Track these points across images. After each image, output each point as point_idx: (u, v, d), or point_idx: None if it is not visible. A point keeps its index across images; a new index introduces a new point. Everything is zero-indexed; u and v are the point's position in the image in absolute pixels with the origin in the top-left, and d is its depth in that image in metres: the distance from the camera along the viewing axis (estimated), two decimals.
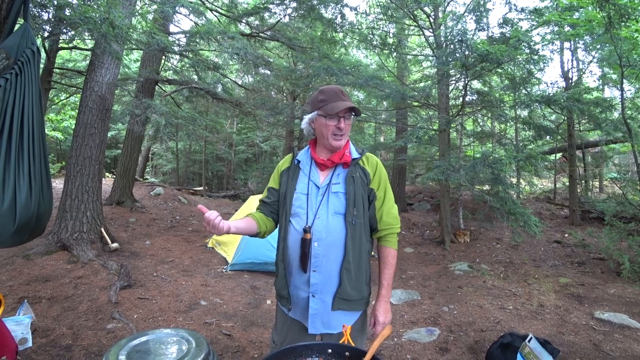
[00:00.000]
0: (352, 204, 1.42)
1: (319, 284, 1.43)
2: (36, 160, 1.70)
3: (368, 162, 1.52)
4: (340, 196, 1.44)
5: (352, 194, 1.43)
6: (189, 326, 3.29)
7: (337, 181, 1.46)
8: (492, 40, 6.12)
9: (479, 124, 9.88)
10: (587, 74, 8.88)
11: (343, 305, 1.45)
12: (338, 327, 1.46)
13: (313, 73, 6.89)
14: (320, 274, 1.42)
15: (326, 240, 1.41)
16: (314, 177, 1.49)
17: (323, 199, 1.44)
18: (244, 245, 5.10)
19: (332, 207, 1.43)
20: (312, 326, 1.45)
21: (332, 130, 1.43)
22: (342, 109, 1.40)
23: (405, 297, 4.29)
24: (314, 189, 1.47)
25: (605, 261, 5.48)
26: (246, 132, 17.50)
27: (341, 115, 1.42)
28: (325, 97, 1.44)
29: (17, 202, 1.59)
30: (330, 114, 1.42)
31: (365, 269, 1.51)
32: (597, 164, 10.67)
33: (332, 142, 1.44)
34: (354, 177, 1.45)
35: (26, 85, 1.66)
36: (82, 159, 5.04)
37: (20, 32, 1.70)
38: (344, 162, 1.47)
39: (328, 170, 1.49)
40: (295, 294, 1.48)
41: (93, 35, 4.58)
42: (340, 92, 1.45)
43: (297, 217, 1.47)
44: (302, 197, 1.47)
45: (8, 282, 3.79)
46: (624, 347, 3.04)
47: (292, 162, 1.57)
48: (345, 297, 1.44)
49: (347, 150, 1.50)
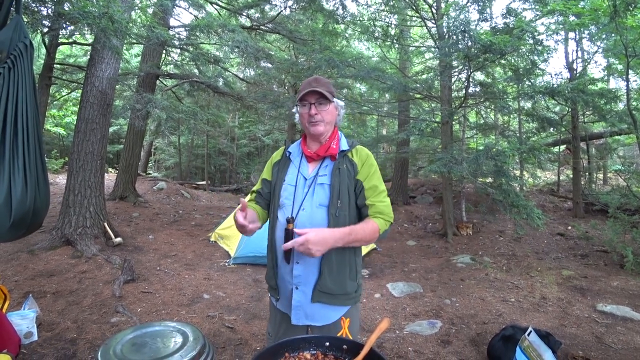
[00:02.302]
0: (337, 196, 1.40)
1: (301, 276, 1.42)
2: (31, 154, 1.69)
3: (357, 154, 1.50)
4: (325, 188, 1.43)
5: (337, 186, 1.41)
6: (191, 319, 3.31)
7: (323, 173, 1.45)
8: (495, 30, 6.02)
9: (481, 116, 9.80)
10: (592, 64, 8.74)
11: (323, 298, 1.41)
12: (321, 319, 1.45)
13: (315, 65, 6.83)
14: (302, 266, 1.42)
15: None
16: (303, 169, 1.49)
17: (309, 190, 1.43)
18: (246, 239, 5.11)
19: (316, 198, 1.42)
20: (295, 317, 1.45)
21: (306, 117, 1.44)
22: (306, 93, 1.41)
23: (407, 289, 4.30)
24: (302, 181, 1.47)
25: (608, 254, 5.45)
26: (248, 126, 17.47)
27: (311, 102, 1.42)
28: (301, 88, 1.45)
29: (13, 197, 1.59)
30: (300, 102, 1.45)
31: (351, 263, 1.46)
32: (601, 155, 10.57)
33: (310, 129, 1.45)
34: (341, 169, 1.44)
35: (19, 79, 1.65)
36: (84, 154, 5.06)
37: (13, 25, 1.68)
38: (329, 154, 1.46)
39: (316, 162, 1.49)
40: (281, 285, 1.49)
41: (92, 30, 4.55)
42: (313, 80, 1.45)
43: (283, 208, 1.46)
44: (289, 188, 1.47)
45: (13, 277, 3.83)
46: (626, 339, 3.03)
47: (283, 154, 1.58)
48: (325, 290, 1.41)
49: (333, 142, 1.48)
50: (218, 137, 16.24)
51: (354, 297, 1.49)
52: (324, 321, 1.46)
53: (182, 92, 9.52)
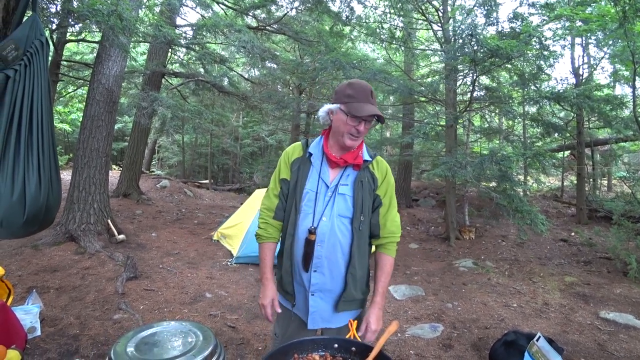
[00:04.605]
0: (360, 210, 1.40)
1: (319, 284, 1.44)
2: (45, 151, 1.70)
3: (378, 167, 1.47)
4: (347, 199, 1.40)
5: (360, 200, 1.39)
6: (194, 318, 3.32)
7: (345, 182, 1.42)
8: (501, 35, 6.02)
9: (486, 120, 9.78)
10: (598, 70, 8.72)
11: (346, 307, 1.48)
12: (337, 322, 1.50)
13: (320, 66, 6.85)
14: (320, 275, 1.42)
15: (329, 242, 1.39)
16: (324, 175, 1.44)
17: (330, 200, 1.41)
18: (249, 238, 5.12)
19: (337, 209, 1.40)
20: (311, 322, 1.48)
21: (350, 130, 1.35)
22: (367, 114, 1.32)
23: (409, 292, 4.29)
24: (323, 188, 1.42)
25: (611, 261, 5.43)
26: (252, 126, 17.50)
27: (364, 119, 1.35)
28: (353, 94, 1.34)
29: (27, 194, 1.60)
30: (353, 114, 1.33)
31: (367, 271, 1.54)
32: (606, 162, 10.52)
33: (346, 141, 1.37)
34: (363, 182, 1.41)
35: (35, 76, 1.66)
36: (89, 151, 5.08)
37: (29, 23, 1.69)
38: (356, 163, 1.41)
39: (338, 169, 1.44)
40: (298, 291, 1.50)
41: (101, 28, 4.58)
42: (370, 92, 1.36)
43: (304, 215, 1.43)
44: (310, 194, 1.42)
45: (17, 272, 3.85)
46: (629, 347, 3.02)
47: (303, 153, 1.49)
48: (350, 299, 1.47)
49: (360, 151, 1.44)
50: (222, 137, 16.28)
51: (368, 299, 1.56)
52: (340, 323, 1.51)
53: (188, 91, 9.55)
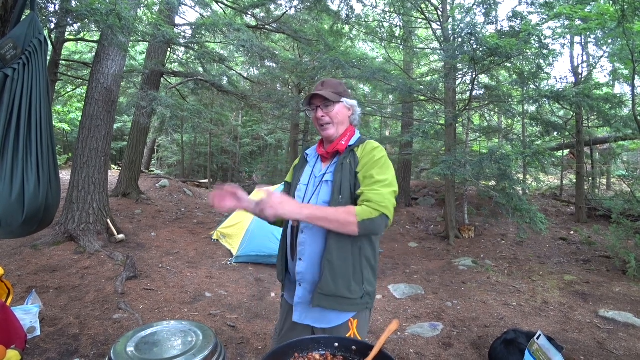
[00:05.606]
0: (338, 191, 1.37)
1: (304, 273, 1.41)
2: (44, 151, 1.70)
3: (363, 148, 1.44)
4: (329, 185, 1.42)
5: (339, 181, 1.38)
6: (193, 317, 3.32)
7: (330, 170, 1.46)
8: (501, 33, 6.02)
9: (485, 119, 9.79)
10: (597, 69, 8.72)
11: (323, 303, 1.33)
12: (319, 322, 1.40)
13: (319, 65, 6.84)
14: (304, 263, 1.41)
15: (312, 229, 1.40)
16: (316, 169, 1.52)
17: (316, 189, 1.45)
18: (248, 237, 5.13)
19: (321, 196, 1.42)
20: (296, 314, 1.43)
21: (316, 121, 1.48)
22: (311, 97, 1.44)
23: (409, 291, 4.29)
24: (313, 179, 1.49)
25: (611, 259, 5.44)
26: (251, 125, 17.50)
27: (317, 105, 1.45)
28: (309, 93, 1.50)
29: (26, 193, 1.60)
30: (307, 108, 1.48)
31: (355, 266, 1.37)
32: (605, 161, 10.53)
33: (321, 132, 1.49)
34: (344, 164, 1.41)
35: (34, 75, 1.66)
36: (88, 150, 5.07)
37: (28, 21, 1.68)
38: (337, 150, 1.46)
39: (328, 161, 1.51)
40: (288, 280, 1.53)
41: (99, 27, 4.57)
42: (320, 84, 1.47)
43: None
44: (302, 188, 1.50)
45: (17, 272, 3.85)
46: (628, 345, 3.03)
47: (301, 157, 1.64)
48: (327, 292, 1.32)
49: (343, 139, 1.48)
50: (221, 136, 16.28)
51: (359, 303, 1.39)
52: (324, 324, 1.40)
53: (187, 91, 9.53)
